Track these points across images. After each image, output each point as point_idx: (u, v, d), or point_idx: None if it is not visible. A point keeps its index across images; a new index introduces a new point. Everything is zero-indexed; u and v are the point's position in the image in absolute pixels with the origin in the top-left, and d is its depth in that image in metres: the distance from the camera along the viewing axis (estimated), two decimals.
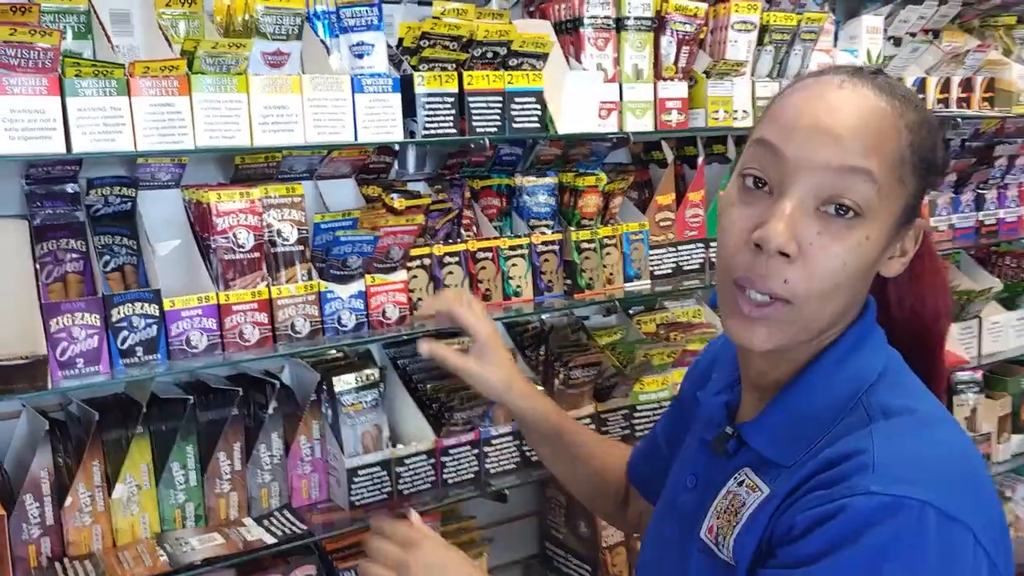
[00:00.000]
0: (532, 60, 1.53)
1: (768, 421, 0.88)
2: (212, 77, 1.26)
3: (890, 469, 0.75)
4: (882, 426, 0.80)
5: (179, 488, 1.41)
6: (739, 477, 0.88)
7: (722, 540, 0.87)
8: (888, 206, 0.80)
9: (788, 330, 0.82)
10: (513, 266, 1.61)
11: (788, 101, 0.83)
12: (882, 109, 0.80)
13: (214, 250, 1.34)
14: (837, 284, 0.80)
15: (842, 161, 0.78)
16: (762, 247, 0.79)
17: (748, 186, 0.83)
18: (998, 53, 2.24)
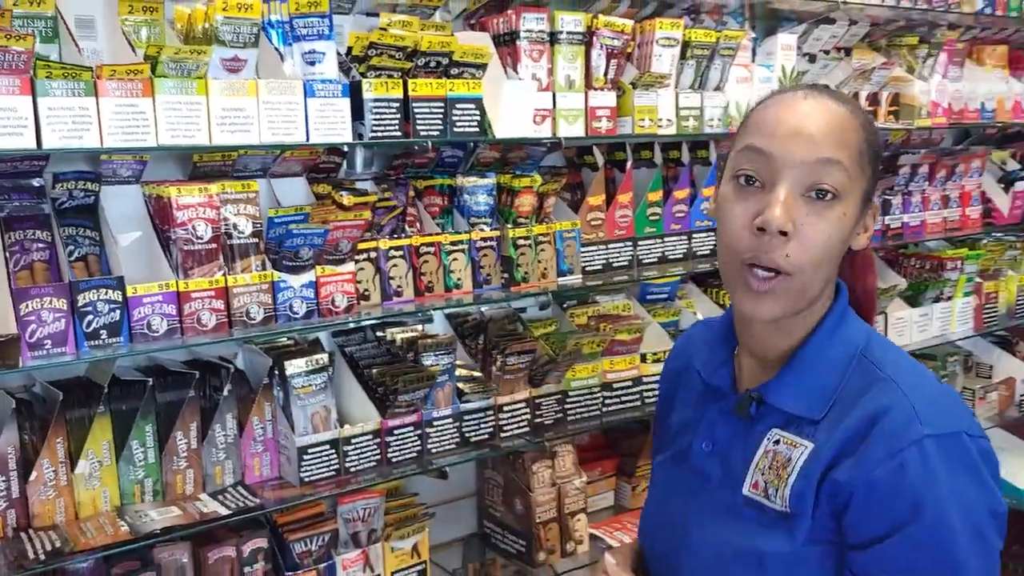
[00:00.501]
0: (472, 70, 1.66)
1: (786, 381, 1.05)
2: (174, 80, 1.37)
3: (927, 414, 0.96)
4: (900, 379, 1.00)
5: (138, 464, 1.50)
6: (773, 437, 1.04)
7: (773, 492, 1.02)
8: (855, 189, 1.00)
9: (789, 300, 1.00)
10: (454, 260, 1.74)
11: (766, 113, 1.03)
12: (842, 114, 1.00)
13: (174, 241, 1.44)
14: (826, 254, 1.00)
15: (818, 155, 0.98)
16: (765, 229, 0.97)
17: (742, 184, 1.01)
18: (902, 70, 2.43)
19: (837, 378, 1.03)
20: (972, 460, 0.96)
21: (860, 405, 0.99)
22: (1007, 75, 2.74)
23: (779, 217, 0.96)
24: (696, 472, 1.11)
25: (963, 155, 2.61)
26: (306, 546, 1.62)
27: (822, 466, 0.99)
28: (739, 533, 1.04)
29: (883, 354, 1.04)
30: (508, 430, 1.80)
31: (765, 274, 0.98)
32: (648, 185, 2.04)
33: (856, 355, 1.04)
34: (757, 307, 1.01)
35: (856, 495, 0.96)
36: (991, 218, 2.69)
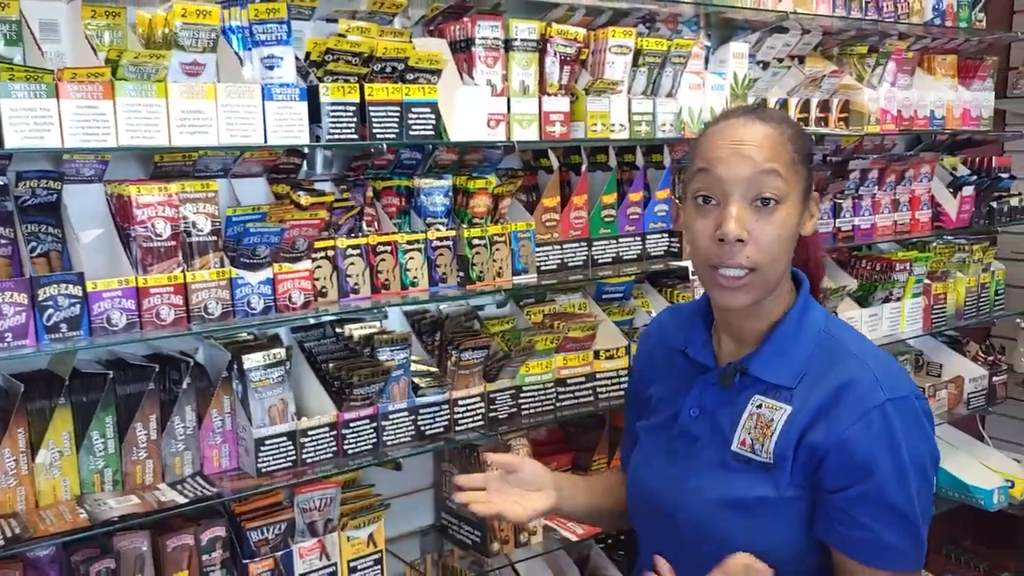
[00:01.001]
0: (427, 75, 1.72)
1: (764, 356, 1.28)
2: (134, 83, 1.42)
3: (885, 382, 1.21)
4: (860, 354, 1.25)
5: (98, 455, 1.55)
6: (755, 402, 1.27)
7: (759, 447, 1.25)
8: (794, 190, 1.23)
9: (756, 289, 1.23)
10: (410, 259, 1.80)
11: (711, 140, 1.25)
12: (772, 133, 1.23)
13: (134, 238, 1.49)
14: (779, 249, 1.22)
15: (756, 170, 1.20)
16: (725, 240, 1.19)
17: (700, 204, 1.24)
18: (852, 79, 2.52)
19: (806, 353, 1.27)
20: (919, 417, 1.22)
21: (829, 377, 1.23)
22: (956, 84, 2.83)
23: (734, 229, 1.19)
24: (685, 435, 1.33)
25: (912, 160, 2.70)
26: (263, 535, 1.67)
27: (799, 427, 1.22)
28: (729, 483, 1.26)
29: (840, 332, 1.31)
30: (463, 424, 1.86)
31: (733, 272, 1.21)
32: (603, 188, 2.11)
33: (819, 334, 1.28)
34: (731, 299, 1.24)
35: (831, 452, 1.20)
36: (940, 221, 2.78)
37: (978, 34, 2.84)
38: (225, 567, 1.66)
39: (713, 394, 1.32)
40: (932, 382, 2.81)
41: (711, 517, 1.26)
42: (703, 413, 1.32)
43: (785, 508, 1.23)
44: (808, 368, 1.26)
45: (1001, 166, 2.92)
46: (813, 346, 1.27)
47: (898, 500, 1.18)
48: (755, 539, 1.23)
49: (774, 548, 1.22)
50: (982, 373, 2.89)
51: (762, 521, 1.24)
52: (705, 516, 1.27)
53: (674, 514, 1.31)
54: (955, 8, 2.76)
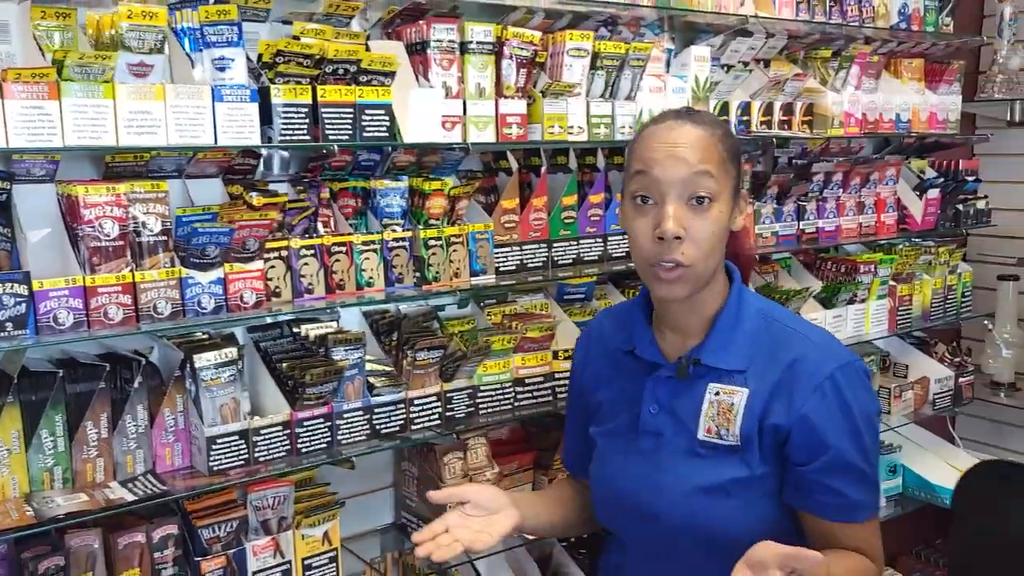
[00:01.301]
0: (381, 77, 1.73)
1: (712, 345, 1.37)
2: (80, 84, 1.43)
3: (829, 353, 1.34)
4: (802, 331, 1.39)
5: (48, 453, 1.56)
6: (712, 390, 1.36)
7: (725, 432, 1.34)
8: (724, 188, 1.32)
9: (692, 282, 1.32)
10: (366, 259, 1.81)
11: (646, 143, 1.33)
12: (703, 135, 1.32)
13: (81, 238, 1.50)
14: (713, 245, 1.32)
15: (691, 171, 1.29)
16: (664, 238, 1.28)
17: (639, 204, 1.32)
18: (816, 82, 2.53)
19: (752, 336, 1.37)
20: (862, 378, 1.36)
21: (778, 356, 1.35)
22: (923, 87, 2.85)
23: (672, 228, 1.28)
24: (649, 432, 1.40)
25: (878, 163, 2.72)
26: (215, 532, 1.68)
27: (760, 406, 1.33)
28: (701, 469, 1.35)
29: (776, 312, 1.43)
30: (419, 423, 1.88)
31: (672, 268, 1.30)
32: (563, 189, 2.12)
33: (758, 318, 1.39)
34: (670, 291, 1.33)
35: (793, 429, 1.31)
36: (906, 224, 2.80)
37: (945, 38, 2.86)
38: (177, 564, 1.67)
39: (668, 388, 1.40)
40: (898, 383, 2.82)
41: (691, 506, 1.35)
42: (662, 408, 1.40)
43: (759, 485, 1.34)
44: (755, 349, 1.37)
45: (968, 169, 2.94)
46: (755, 329, 1.38)
47: (858, 461, 1.32)
48: (736, 519, 1.33)
49: (752, 525, 1.32)
50: (948, 374, 2.91)
51: (740, 501, 1.34)
52: (685, 506, 1.35)
53: (654, 510, 1.38)
54: (921, 13, 2.78)
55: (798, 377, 1.33)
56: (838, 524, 1.35)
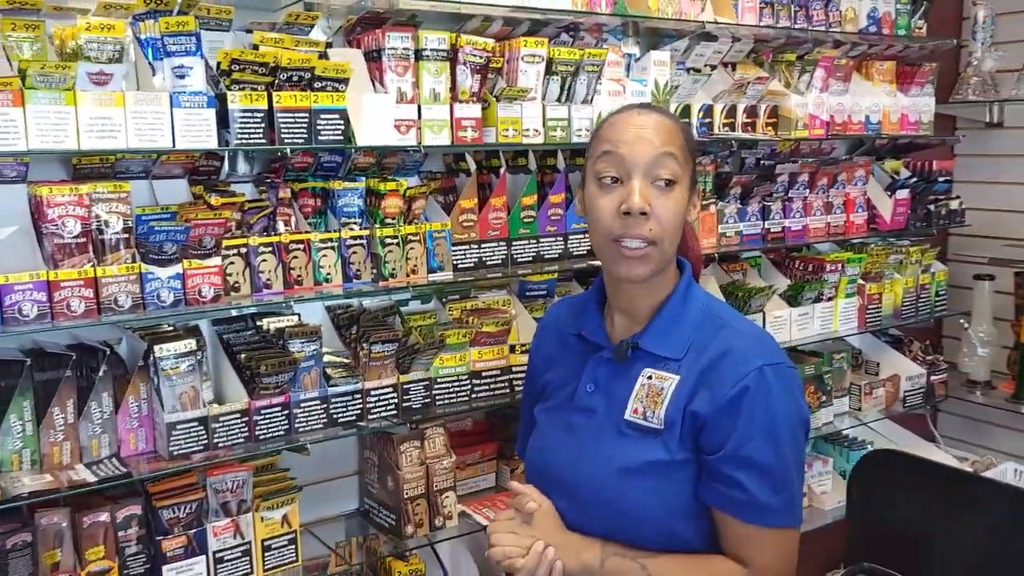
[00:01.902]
0: (335, 83, 1.83)
1: (653, 331, 1.43)
2: (43, 92, 1.53)
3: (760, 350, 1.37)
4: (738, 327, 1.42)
5: (16, 436, 1.67)
6: (646, 374, 1.41)
7: (650, 414, 1.38)
8: (685, 175, 1.40)
9: (654, 261, 1.38)
10: (323, 256, 1.90)
11: (613, 128, 1.41)
12: (667, 122, 1.41)
13: (46, 235, 1.61)
14: (675, 223, 1.38)
15: (657, 152, 1.36)
16: (631, 213, 1.34)
17: (606, 183, 1.38)
18: (780, 85, 2.59)
19: (691, 328, 1.42)
20: (791, 382, 1.38)
21: (711, 347, 1.38)
22: (894, 89, 2.89)
23: (639, 203, 1.34)
24: (583, 409, 1.46)
25: (845, 164, 2.76)
26: (175, 513, 1.78)
27: (686, 395, 1.37)
28: (624, 449, 1.39)
29: (721, 310, 1.48)
30: (375, 412, 1.96)
31: (636, 244, 1.35)
32: (523, 190, 2.20)
33: (702, 311, 1.44)
34: (632, 270, 1.38)
35: (710, 417, 1.34)
36: (875, 224, 2.85)
37: (918, 41, 2.90)
38: (141, 543, 1.77)
39: (607, 369, 1.46)
40: (868, 380, 2.87)
41: (610, 483, 1.39)
42: (598, 388, 1.47)
43: (676, 471, 1.37)
44: (693, 341, 1.41)
45: (941, 170, 2.98)
46: (697, 322, 1.43)
47: (769, 460, 1.33)
48: (652, 501, 1.37)
49: (670, 510, 1.37)
50: (920, 372, 2.94)
51: (657, 483, 1.37)
52: (605, 482, 1.40)
53: (576, 483, 1.43)
54: (892, 16, 2.83)
55: (725, 368, 1.36)
56: (744, 526, 1.34)
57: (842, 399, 2.82)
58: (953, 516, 1.15)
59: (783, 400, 1.35)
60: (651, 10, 2.28)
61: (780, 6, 2.53)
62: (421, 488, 2.06)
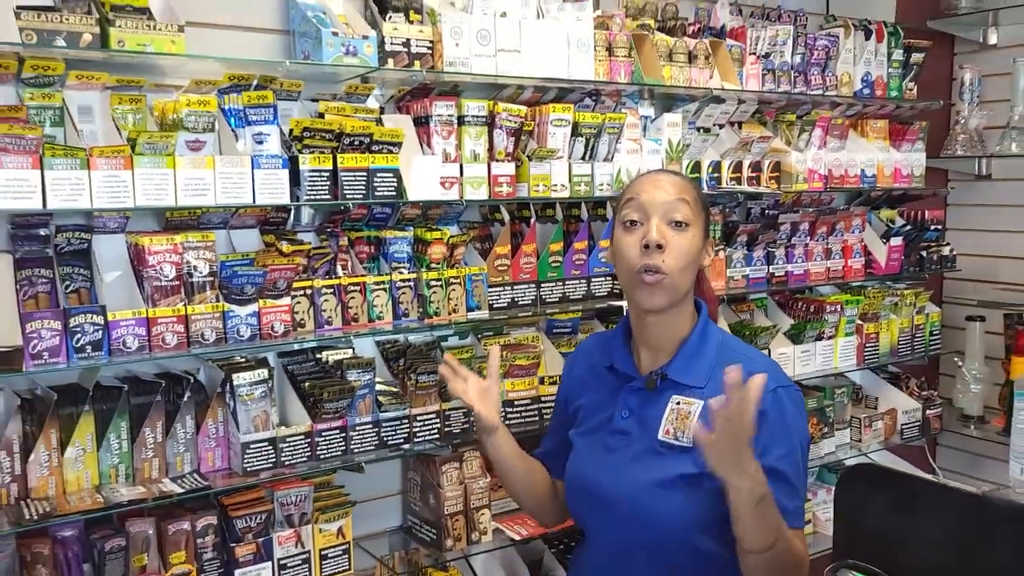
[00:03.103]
0: (390, 147, 2.10)
1: (678, 363, 1.66)
2: (148, 157, 1.81)
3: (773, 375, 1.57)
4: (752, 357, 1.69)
5: (114, 453, 1.91)
6: (674, 400, 1.63)
7: (680, 434, 1.60)
8: (698, 221, 1.65)
9: (669, 292, 1.61)
10: (376, 297, 2.16)
11: (636, 183, 1.71)
12: (681, 179, 1.70)
13: (146, 278, 1.87)
14: (687, 260, 1.62)
15: (672, 198, 1.63)
16: (649, 246, 1.59)
17: (628, 226, 1.64)
18: (782, 143, 2.85)
19: (710, 360, 1.64)
20: (800, 401, 1.64)
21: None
22: (888, 145, 3.16)
23: (656, 236, 1.60)
24: (619, 432, 1.68)
25: (843, 214, 3.02)
26: (247, 523, 2.02)
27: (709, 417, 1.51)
28: (658, 466, 1.61)
29: (734, 343, 1.74)
30: (421, 436, 2.20)
31: (653, 275, 1.59)
32: (551, 237, 2.46)
33: (718, 346, 1.68)
34: (650, 298, 1.61)
35: None
36: (872, 268, 3.09)
37: (909, 102, 3.17)
38: (216, 549, 2.01)
39: (638, 397, 1.69)
40: (868, 413, 3.09)
41: (647, 495, 1.60)
42: (632, 413, 1.68)
43: (705, 483, 1.54)
44: (712, 370, 1.62)
45: (933, 219, 3.23)
46: (715, 354, 1.66)
47: (790, 473, 1.57)
48: (683, 511, 1.58)
49: (699, 518, 1.57)
50: (916, 407, 3.16)
51: (687, 494, 1.57)
52: (642, 495, 1.60)
53: (616, 497, 1.64)
54: (885, 79, 3.10)
55: None
56: None
57: (843, 431, 3.04)
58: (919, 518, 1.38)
59: (796, 417, 1.62)
60: (665, 78, 2.55)
61: (781, 72, 2.81)
62: (460, 505, 2.29)
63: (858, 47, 3.04)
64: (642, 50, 2.55)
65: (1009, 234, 3.43)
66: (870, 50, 3.06)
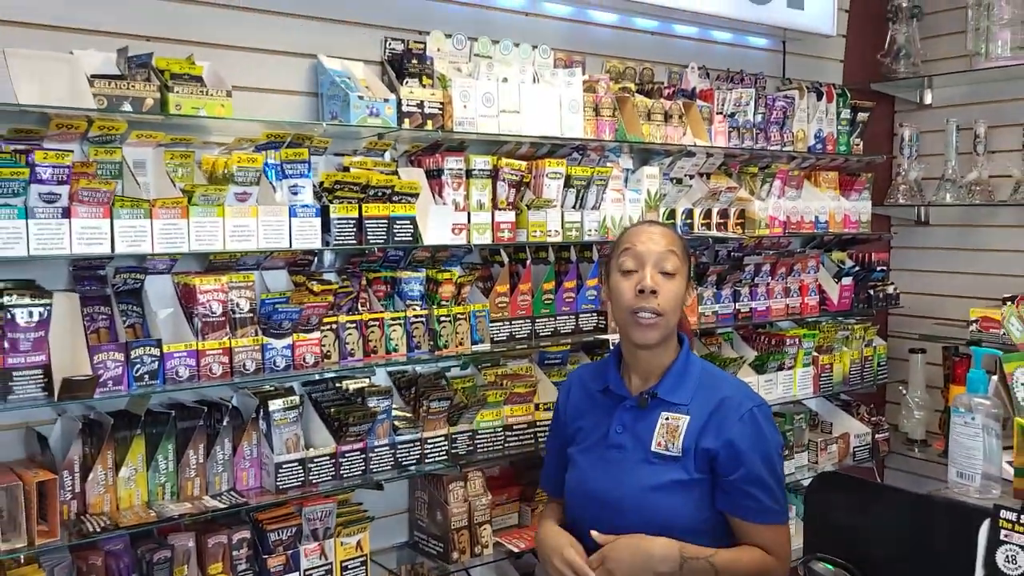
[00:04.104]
0: (408, 197, 2.36)
1: (666, 384, 1.92)
2: (202, 207, 2.04)
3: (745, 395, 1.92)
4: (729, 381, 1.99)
5: (162, 473, 2.12)
6: (665, 416, 1.90)
7: (671, 445, 1.87)
8: (683, 270, 1.92)
9: (661, 329, 1.88)
10: (393, 331, 2.40)
11: (632, 235, 1.96)
12: (670, 232, 1.96)
13: (196, 315, 2.09)
14: (675, 303, 1.90)
15: (663, 250, 1.90)
16: (644, 291, 1.86)
17: (624, 272, 1.91)
18: (746, 192, 3.18)
19: (694, 382, 1.93)
20: (770, 416, 1.92)
21: (711, 395, 1.90)
22: (838, 194, 3.51)
23: (650, 283, 1.88)
24: (615, 446, 1.93)
25: (800, 256, 3.35)
26: (279, 536, 2.22)
27: (696, 429, 1.87)
28: (652, 473, 1.87)
29: (713, 369, 2.02)
30: (431, 457, 2.44)
31: (648, 315, 1.87)
32: (543, 277, 2.73)
33: (700, 370, 1.96)
34: (645, 335, 1.89)
35: (721, 450, 1.84)
36: (825, 305, 3.42)
37: (856, 156, 3.53)
38: (249, 561, 2.21)
39: (631, 415, 1.95)
40: (824, 437, 3.40)
41: (645, 499, 1.87)
42: (626, 429, 1.95)
43: (692, 487, 1.85)
44: (695, 390, 1.92)
45: (879, 260, 3.58)
46: (697, 377, 1.94)
47: (767, 476, 1.85)
48: (673, 512, 1.84)
49: (689, 518, 1.84)
50: (866, 431, 3.49)
51: (677, 497, 1.85)
52: (638, 498, 1.87)
53: (616, 500, 1.90)
54: (835, 135, 3.46)
55: (725, 412, 1.87)
56: (754, 525, 1.84)
57: (802, 454, 3.34)
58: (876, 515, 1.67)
59: (769, 429, 1.90)
60: (644, 135, 2.86)
61: (745, 130, 3.14)
62: (464, 521, 2.53)
63: (811, 107, 3.40)
64: (624, 110, 2.86)
65: (946, 274, 3.80)
66: (821, 110, 3.42)
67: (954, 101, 3.76)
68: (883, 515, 1.67)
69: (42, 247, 1.85)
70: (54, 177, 1.86)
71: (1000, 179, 3.54)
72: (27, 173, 1.81)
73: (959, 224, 3.79)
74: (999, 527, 1.48)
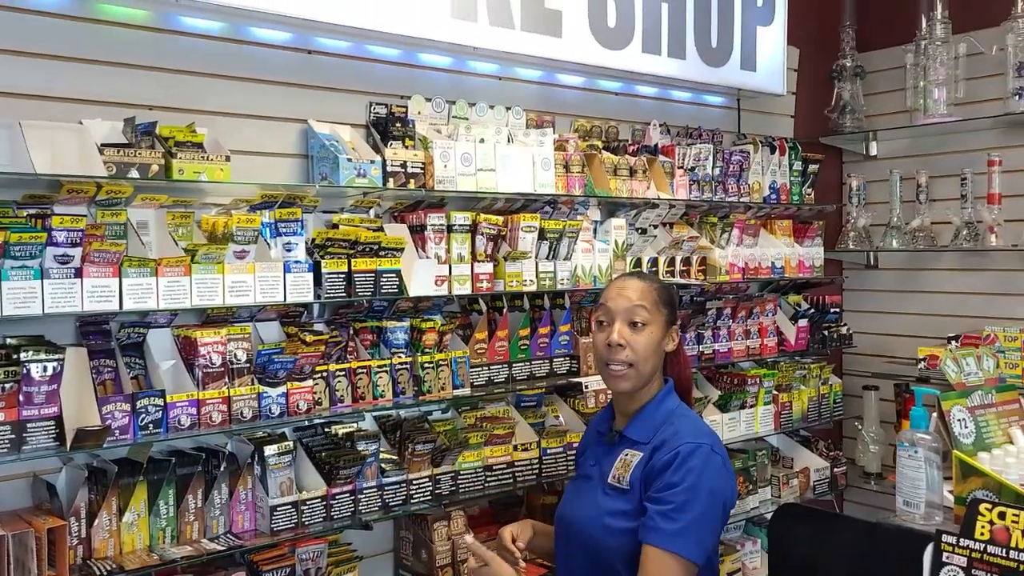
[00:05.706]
0: (394, 252, 2.51)
1: (632, 425, 2.07)
2: (203, 265, 2.18)
3: (689, 434, 1.98)
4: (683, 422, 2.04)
5: (163, 517, 2.22)
6: (624, 454, 2.04)
7: (622, 479, 2.00)
8: (655, 320, 2.07)
9: (632, 379, 2.05)
10: (379, 378, 2.54)
11: (609, 289, 2.13)
12: (642, 285, 2.11)
13: (198, 366, 2.22)
14: (646, 353, 2.05)
15: (631, 304, 2.06)
16: (611, 345, 2.03)
17: (599, 325, 2.09)
18: (707, 241, 3.39)
19: (658, 423, 2.05)
20: (712, 459, 1.95)
21: (663, 433, 2.01)
22: (792, 241, 3.73)
23: (616, 338, 2.05)
24: (586, 476, 2.13)
25: (758, 300, 3.55)
26: None
27: (642, 466, 1.99)
28: (604, 502, 2.03)
29: (681, 411, 2.10)
30: (416, 498, 2.57)
31: (618, 366, 2.04)
32: (519, 324, 2.89)
33: (669, 414, 2.07)
34: (616, 384, 2.07)
35: (650, 474, 1.95)
36: (783, 346, 3.63)
37: (808, 205, 3.77)
38: None
39: (603, 449, 2.14)
40: (785, 472, 3.58)
41: (592, 524, 2.03)
42: (596, 462, 2.14)
43: (636, 516, 1.96)
44: (657, 431, 2.04)
45: (832, 303, 3.80)
46: (663, 418, 2.06)
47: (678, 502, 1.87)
48: (622, 539, 1.96)
49: (628, 545, 1.94)
50: (825, 465, 3.68)
51: (625, 525, 1.97)
52: (594, 524, 2.02)
53: (578, 525, 2.06)
54: (788, 186, 3.69)
55: (666, 444, 1.97)
56: (644, 546, 1.88)
57: (765, 488, 3.51)
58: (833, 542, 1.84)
59: (705, 471, 1.91)
60: (611, 190, 3.05)
61: (704, 182, 3.35)
62: (448, 559, 2.65)
63: (765, 160, 3.63)
64: (592, 166, 3.05)
65: (895, 315, 4.04)
66: (775, 162, 3.65)
67: (897, 153, 4.03)
68: (839, 542, 1.84)
69: (56, 305, 1.97)
70: (68, 240, 1.98)
71: (941, 225, 3.80)
72: (44, 237, 1.94)
73: (905, 268, 4.03)
74: (941, 550, 1.66)
